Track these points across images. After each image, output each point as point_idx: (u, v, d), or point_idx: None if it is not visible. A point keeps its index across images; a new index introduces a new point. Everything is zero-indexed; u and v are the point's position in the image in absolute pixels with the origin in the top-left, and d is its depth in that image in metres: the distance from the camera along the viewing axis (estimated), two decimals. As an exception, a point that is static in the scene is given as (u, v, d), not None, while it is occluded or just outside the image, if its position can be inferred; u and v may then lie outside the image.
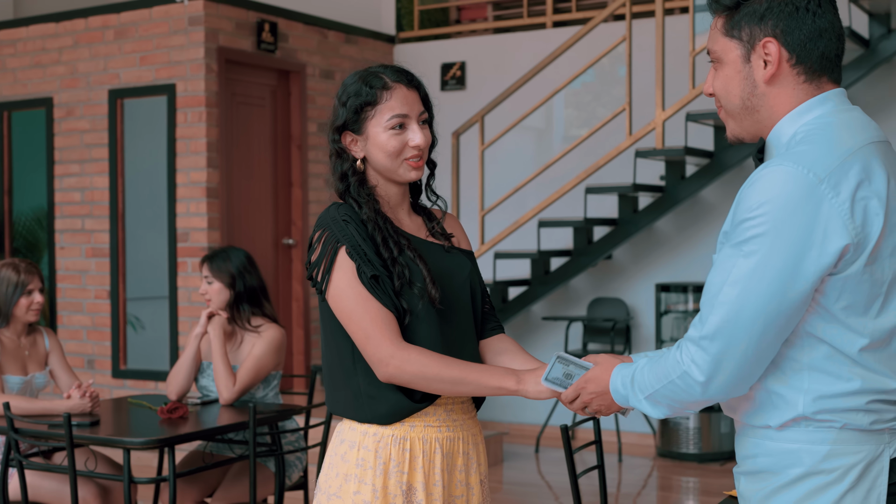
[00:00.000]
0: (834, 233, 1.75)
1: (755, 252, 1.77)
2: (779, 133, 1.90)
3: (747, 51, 1.91)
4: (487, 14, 8.62)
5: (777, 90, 1.90)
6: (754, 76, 1.91)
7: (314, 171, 7.75)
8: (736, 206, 1.83)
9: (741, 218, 1.80)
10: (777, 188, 1.76)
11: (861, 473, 1.81)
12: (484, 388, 2.22)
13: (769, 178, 1.78)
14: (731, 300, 1.79)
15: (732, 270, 1.80)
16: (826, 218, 1.75)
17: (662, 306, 7.12)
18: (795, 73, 1.89)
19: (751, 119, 1.94)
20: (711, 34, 1.98)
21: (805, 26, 1.87)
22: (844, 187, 1.77)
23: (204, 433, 3.86)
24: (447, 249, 2.39)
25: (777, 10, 1.87)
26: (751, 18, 1.89)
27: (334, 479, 2.28)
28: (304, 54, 7.68)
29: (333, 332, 2.30)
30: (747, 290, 1.78)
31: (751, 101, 1.92)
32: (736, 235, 1.81)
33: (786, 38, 1.88)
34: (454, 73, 8.29)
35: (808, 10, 1.87)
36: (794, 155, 1.80)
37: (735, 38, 1.92)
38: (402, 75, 2.34)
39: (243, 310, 4.41)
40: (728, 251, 1.82)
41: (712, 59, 1.99)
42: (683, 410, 1.94)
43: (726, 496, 2.78)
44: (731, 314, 1.79)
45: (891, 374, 1.82)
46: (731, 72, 1.94)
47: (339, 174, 2.36)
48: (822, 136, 1.83)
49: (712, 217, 7.32)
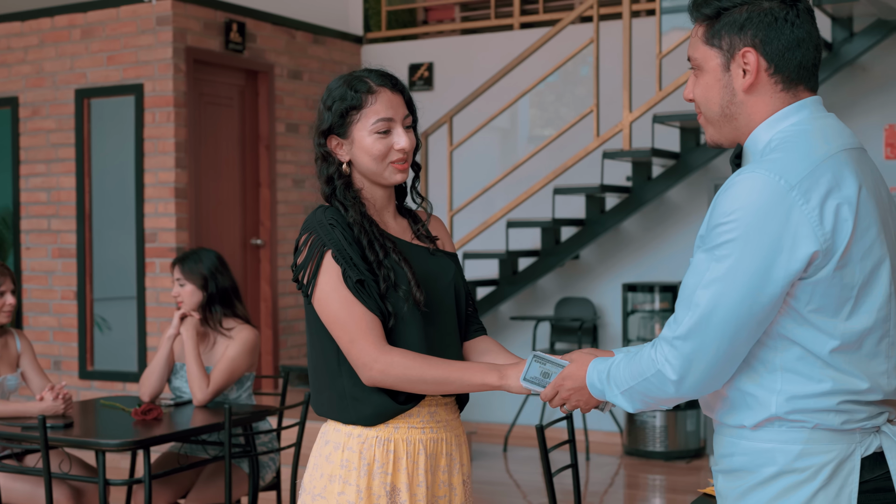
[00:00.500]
0: (803, 239, 1.79)
1: (727, 256, 1.81)
2: (755, 139, 1.95)
3: (727, 60, 1.95)
4: (455, 15, 8.65)
5: (755, 98, 1.94)
6: (733, 84, 1.95)
7: (282, 171, 7.75)
8: (711, 211, 1.87)
9: (715, 223, 1.84)
10: (749, 195, 1.81)
11: (833, 472, 1.85)
12: (468, 385, 2.25)
13: (742, 184, 1.82)
14: (704, 302, 1.83)
15: (706, 274, 1.84)
16: (796, 224, 1.79)
17: (629, 306, 7.19)
18: (773, 81, 1.93)
19: (729, 126, 1.98)
20: (692, 42, 2.02)
21: (783, 36, 1.91)
22: (815, 194, 1.81)
23: (179, 434, 3.86)
24: (432, 252, 2.42)
25: (756, 21, 1.91)
26: (731, 28, 1.93)
27: (319, 480, 2.30)
28: (272, 54, 7.68)
29: (319, 335, 2.32)
30: (719, 293, 1.82)
31: (730, 108, 1.96)
32: (710, 240, 1.85)
33: (764, 48, 1.92)
34: (422, 74, 8.31)
35: (786, 21, 1.91)
36: (768, 162, 1.84)
37: (715, 46, 1.96)
38: (387, 79, 2.36)
39: (215, 311, 4.42)
40: (702, 255, 1.86)
41: (693, 67, 2.02)
42: (657, 406, 1.98)
43: (700, 494, 2.82)
44: (703, 316, 1.83)
45: (862, 375, 1.86)
46: (711, 80, 1.98)
47: (324, 178, 2.39)
48: (796, 144, 1.87)
49: (678, 217, 7.40)
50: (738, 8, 1.93)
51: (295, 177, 7.88)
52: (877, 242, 1.86)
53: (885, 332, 1.88)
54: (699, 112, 2.04)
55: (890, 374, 1.88)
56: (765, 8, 1.92)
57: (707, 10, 1.96)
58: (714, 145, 2.06)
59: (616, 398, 2.02)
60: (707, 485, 2.87)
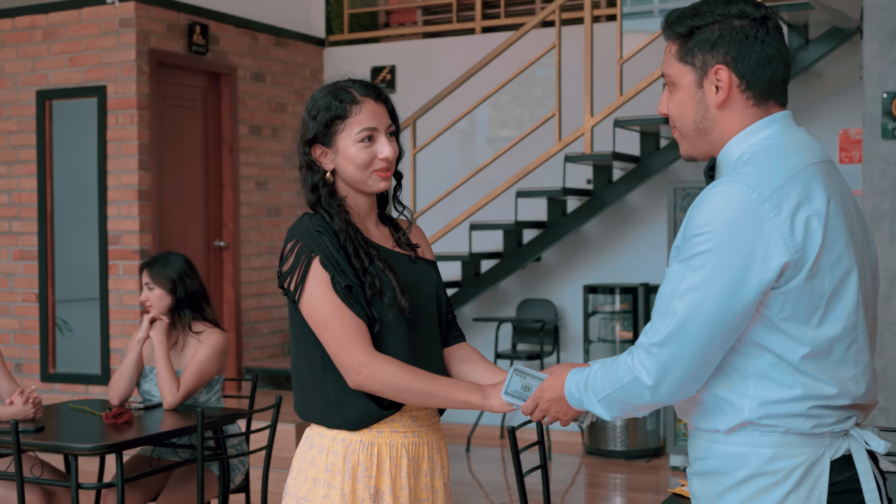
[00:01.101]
0: (775, 250, 1.86)
1: (702, 267, 1.88)
2: (728, 152, 2.02)
3: (700, 77, 2.02)
4: (417, 18, 8.71)
5: (728, 114, 2.01)
6: (706, 101, 2.02)
7: (245, 173, 7.76)
8: (686, 223, 1.94)
9: (690, 234, 1.91)
10: (723, 207, 1.87)
11: (803, 475, 1.92)
12: (450, 401, 2.31)
13: (716, 197, 1.89)
14: (680, 311, 1.90)
15: (681, 283, 1.90)
16: (768, 236, 1.86)
17: (590, 307, 7.28)
18: (745, 97, 2.00)
19: (703, 140, 2.05)
20: (666, 59, 2.08)
21: (754, 53, 1.98)
22: (786, 206, 1.87)
23: (152, 438, 3.88)
24: (413, 260, 2.48)
25: (728, 38, 1.98)
26: (703, 46, 2.00)
27: (303, 484, 2.35)
28: (235, 56, 7.68)
29: (304, 340, 2.36)
30: (695, 302, 1.88)
31: (703, 123, 2.03)
32: (685, 251, 1.91)
33: (736, 65, 1.98)
34: (384, 77, 8.36)
35: (756, 38, 1.98)
36: (740, 175, 1.91)
37: (688, 64, 2.02)
38: (371, 89, 2.41)
39: (184, 315, 4.44)
40: (677, 266, 1.93)
41: (667, 83, 2.09)
42: (634, 413, 2.04)
43: (670, 494, 2.89)
44: (679, 324, 1.90)
45: (831, 381, 1.92)
46: (684, 96, 2.04)
47: (309, 186, 2.42)
48: (767, 157, 1.94)
49: (638, 220, 7.51)
50: (709, 26, 1.99)
51: (258, 179, 7.90)
52: (845, 253, 1.93)
53: (854, 339, 1.95)
54: (673, 127, 2.11)
55: (858, 379, 1.95)
56: (735, 26, 1.98)
57: (680, 28, 2.03)
58: (688, 159, 2.13)
59: (594, 406, 2.07)
60: (676, 485, 2.94)
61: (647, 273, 7.39)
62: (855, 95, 6.79)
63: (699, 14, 2.01)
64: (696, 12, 2.02)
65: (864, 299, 1.98)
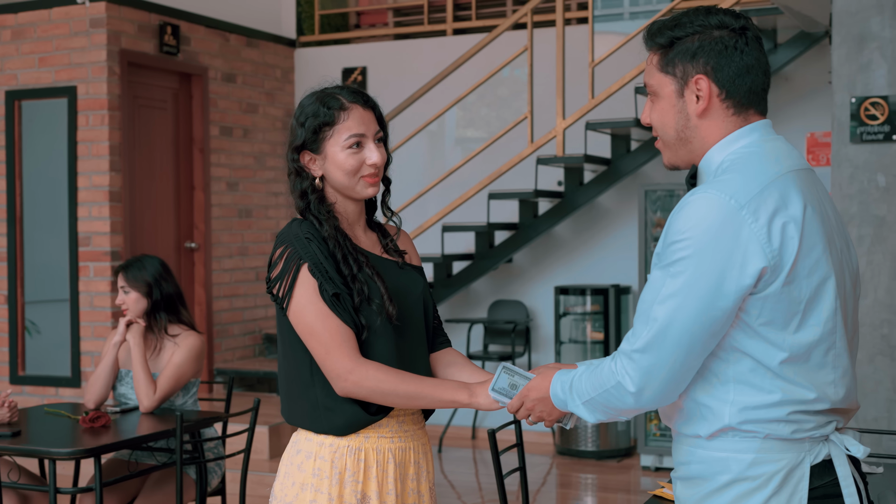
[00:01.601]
0: (753, 256, 1.89)
1: (682, 273, 1.91)
2: (709, 160, 2.05)
3: (681, 86, 2.05)
4: (388, 20, 8.71)
5: (708, 122, 2.04)
6: (687, 110, 2.05)
7: (216, 174, 7.74)
8: (666, 230, 1.97)
9: (670, 241, 1.94)
10: (702, 214, 1.91)
11: (783, 480, 1.95)
12: (438, 401, 2.33)
13: (695, 204, 1.92)
14: (661, 317, 1.93)
15: (661, 290, 1.93)
16: (746, 242, 1.89)
17: (561, 308, 7.32)
18: (725, 106, 2.03)
19: (685, 149, 2.08)
20: (647, 69, 2.11)
21: (733, 63, 2.01)
22: (763, 213, 1.90)
23: (131, 441, 3.87)
24: (401, 266, 2.49)
25: (707, 49, 2.01)
26: (684, 56, 2.03)
27: (290, 489, 2.36)
28: (206, 57, 7.66)
29: (292, 346, 2.38)
30: (675, 308, 1.91)
31: (684, 132, 2.06)
32: (665, 257, 1.95)
33: (716, 75, 2.02)
34: (355, 78, 8.36)
35: (735, 48, 2.01)
36: (719, 183, 1.94)
37: (669, 74, 2.06)
38: (359, 96, 2.43)
39: (160, 318, 4.43)
40: (658, 272, 1.96)
41: (649, 93, 2.12)
42: (618, 417, 2.07)
43: (651, 496, 2.93)
44: (660, 330, 1.93)
45: (810, 385, 1.95)
46: (666, 105, 2.08)
47: (298, 192, 2.43)
48: (746, 165, 1.97)
49: (608, 221, 7.56)
50: (690, 37, 2.03)
51: (229, 180, 7.88)
52: (822, 259, 1.96)
53: (832, 344, 1.98)
54: (657, 136, 2.14)
55: (837, 384, 1.99)
56: (715, 37, 2.01)
57: (661, 39, 2.06)
58: (671, 167, 2.15)
59: (578, 409, 2.10)
60: (649, 485, 2.98)
61: (617, 274, 7.45)
62: (822, 99, 6.88)
63: (679, 25, 2.04)
64: (677, 23, 2.05)
65: (843, 305, 2.01)
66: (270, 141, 8.33)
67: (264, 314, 8.24)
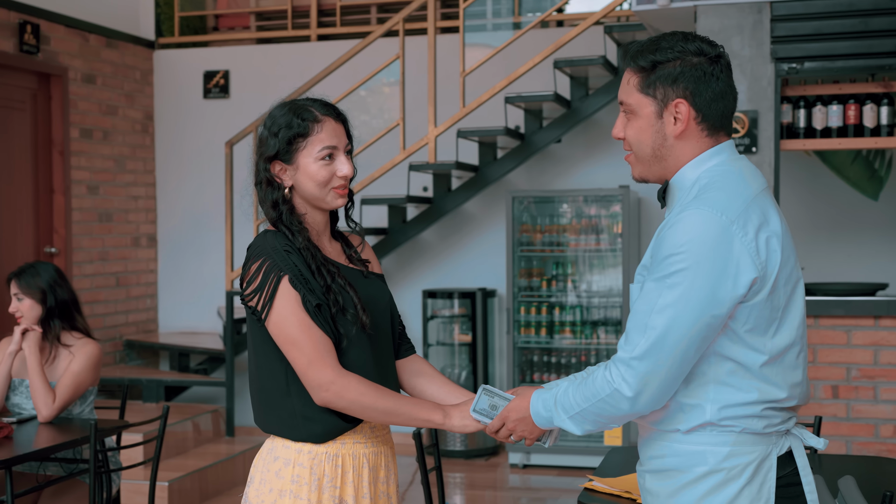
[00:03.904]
0: (745, 267, 2.06)
1: (679, 284, 2.06)
2: (682, 177, 2.21)
3: (660, 108, 2.19)
4: (250, 24, 8.67)
5: (684, 143, 2.20)
6: (665, 130, 2.20)
7: (77, 177, 7.54)
8: (657, 245, 2.12)
9: (665, 254, 2.08)
10: (697, 229, 2.06)
11: (755, 470, 2.13)
12: (413, 419, 2.41)
13: (689, 220, 2.08)
14: (659, 326, 2.07)
15: (658, 300, 2.07)
16: (738, 254, 2.06)
17: (428, 311, 7.47)
18: (700, 129, 2.20)
19: (659, 165, 2.24)
20: (625, 88, 2.25)
21: (710, 89, 2.18)
22: (750, 227, 2.08)
23: (42, 452, 3.79)
24: (366, 275, 2.56)
25: (688, 75, 2.17)
26: (665, 80, 2.18)
27: (268, 495, 2.41)
28: (66, 57, 7.46)
29: (267, 355, 2.42)
30: (673, 317, 2.06)
31: (661, 151, 2.22)
32: (660, 270, 2.09)
33: (694, 99, 2.18)
34: (217, 82, 8.29)
35: (712, 75, 2.18)
36: (707, 200, 2.10)
37: (650, 95, 2.20)
38: (331, 109, 2.49)
39: (55, 325, 4.35)
40: (652, 284, 2.10)
41: (625, 111, 2.25)
42: (607, 426, 2.19)
43: (583, 489, 3.08)
44: (658, 338, 2.07)
45: (784, 385, 2.15)
46: (644, 124, 2.22)
47: (270, 202, 2.48)
48: (725, 183, 2.14)
49: (474, 226, 7.75)
50: (671, 62, 2.17)
51: (89, 183, 7.69)
52: (794, 268, 2.16)
53: (802, 346, 2.19)
54: (628, 150, 2.28)
55: (803, 382, 2.19)
56: (694, 63, 2.17)
57: (643, 62, 2.20)
58: (640, 180, 2.30)
59: (564, 423, 2.22)
60: (586, 480, 3.14)
61: (484, 278, 7.64)
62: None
63: (660, 49, 2.18)
64: (657, 48, 2.19)
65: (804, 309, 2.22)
66: (130, 144, 8.17)
67: (125, 320, 8.07)
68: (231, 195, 7.32)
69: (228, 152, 7.29)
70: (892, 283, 6.13)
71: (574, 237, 7.17)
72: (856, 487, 2.48)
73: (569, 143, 7.54)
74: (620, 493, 2.99)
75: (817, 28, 5.41)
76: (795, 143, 5.57)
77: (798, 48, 5.44)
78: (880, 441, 5.24)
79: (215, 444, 7.02)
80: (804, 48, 5.44)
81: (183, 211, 8.43)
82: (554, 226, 7.22)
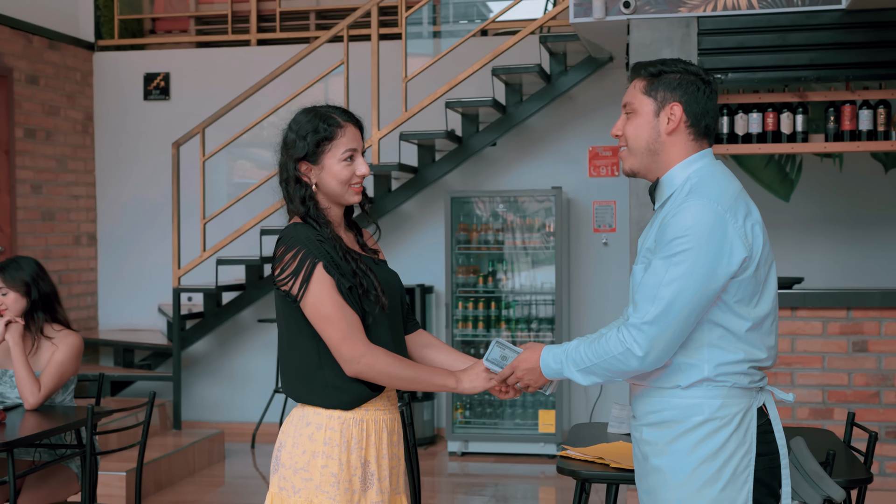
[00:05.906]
0: (737, 248, 2.51)
1: (684, 261, 2.49)
2: (672, 176, 2.65)
3: (658, 108, 2.65)
4: (189, 28, 8.86)
5: (673, 140, 2.65)
6: (659, 127, 2.65)
7: (21, 177, 7.66)
8: (663, 229, 2.54)
9: (671, 237, 2.51)
10: (698, 216, 2.50)
11: (741, 419, 2.57)
12: (431, 385, 2.78)
13: (691, 209, 2.52)
14: (667, 296, 2.49)
15: (665, 275, 2.50)
16: (732, 237, 2.51)
17: (369, 307, 7.76)
18: (688, 132, 2.66)
19: (650, 159, 2.68)
20: (631, 92, 2.70)
21: (700, 103, 2.66)
22: (739, 216, 2.54)
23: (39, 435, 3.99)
24: (377, 262, 2.91)
25: (686, 86, 2.64)
26: (666, 86, 2.65)
27: (301, 456, 2.73)
28: (11, 58, 7.58)
29: (299, 334, 2.74)
30: (679, 289, 2.49)
31: (654, 145, 2.66)
32: (666, 250, 2.51)
33: (687, 107, 2.64)
34: (158, 83, 8.47)
35: (704, 93, 2.66)
36: (703, 193, 2.55)
37: (651, 96, 2.66)
38: (350, 116, 2.84)
39: (38, 317, 4.55)
40: (660, 262, 2.52)
41: (627, 112, 2.70)
42: (613, 380, 2.61)
43: (559, 456, 3.45)
44: (666, 306, 2.49)
45: (763, 347, 2.59)
46: (643, 121, 2.67)
47: (299, 199, 2.80)
48: (713, 180, 2.60)
49: (411, 225, 8.09)
50: (674, 74, 2.65)
51: (33, 182, 7.81)
52: (771, 250, 2.62)
53: (775, 315, 2.64)
54: (622, 146, 2.72)
55: (775, 346, 2.65)
56: (692, 79, 2.65)
57: (652, 70, 2.67)
58: (630, 174, 2.74)
59: (573, 375, 2.63)
60: (562, 449, 3.51)
61: (422, 275, 7.97)
62: (602, 117, 7.70)
63: (667, 64, 2.68)
64: (665, 62, 2.68)
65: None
66: (71, 144, 8.31)
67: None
68: (178, 194, 7.52)
69: (175, 153, 7.49)
70: (807, 278, 6.64)
71: (510, 235, 7.56)
72: (805, 446, 2.90)
73: (503, 147, 7.93)
74: (594, 459, 3.37)
75: (740, 42, 5.87)
76: (720, 147, 6.02)
77: (722, 60, 5.90)
78: (797, 423, 5.73)
79: (163, 437, 7.22)
80: (728, 60, 5.90)
81: (123, 210, 8.59)
82: (490, 225, 7.60)
